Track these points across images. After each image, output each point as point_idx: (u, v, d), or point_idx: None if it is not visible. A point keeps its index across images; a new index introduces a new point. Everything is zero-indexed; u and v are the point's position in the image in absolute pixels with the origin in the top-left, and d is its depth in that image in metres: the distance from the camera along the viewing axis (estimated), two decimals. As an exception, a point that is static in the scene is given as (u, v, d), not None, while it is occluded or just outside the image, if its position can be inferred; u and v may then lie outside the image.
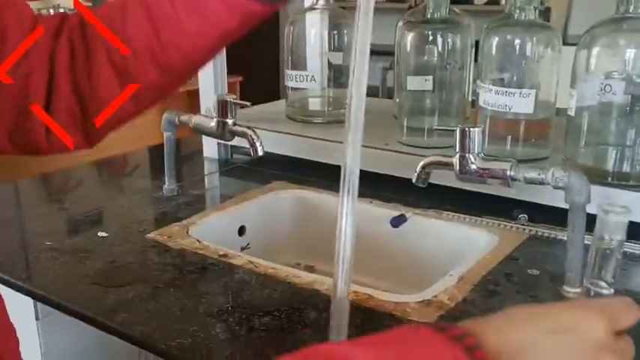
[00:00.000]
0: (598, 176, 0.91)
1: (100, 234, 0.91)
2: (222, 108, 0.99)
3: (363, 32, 0.51)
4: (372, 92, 1.66)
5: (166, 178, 1.07)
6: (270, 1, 0.60)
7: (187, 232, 0.92)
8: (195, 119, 1.02)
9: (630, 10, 0.89)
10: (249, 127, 0.99)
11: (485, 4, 3.62)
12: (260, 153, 0.97)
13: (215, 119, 1.00)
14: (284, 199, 1.10)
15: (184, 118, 1.03)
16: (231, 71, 3.47)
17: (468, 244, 0.91)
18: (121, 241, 0.88)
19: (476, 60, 1.14)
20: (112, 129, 0.67)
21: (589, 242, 0.84)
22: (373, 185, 1.04)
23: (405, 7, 3.89)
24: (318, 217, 1.08)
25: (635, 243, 0.85)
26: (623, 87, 0.90)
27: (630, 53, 0.91)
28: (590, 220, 0.76)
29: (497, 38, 1.01)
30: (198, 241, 0.89)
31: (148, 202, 1.06)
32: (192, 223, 0.95)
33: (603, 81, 0.91)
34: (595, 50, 0.93)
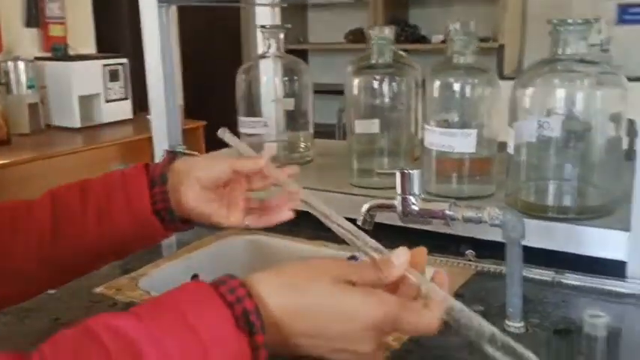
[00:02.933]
0: (539, 211, 0.94)
1: (49, 291, 0.90)
2: (172, 158, 1.00)
3: None
4: (330, 129, 1.70)
5: (119, 229, 1.07)
6: (171, 224, 0.69)
7: (137, 284, 0.91)
8: (145, 170, 1.02)
9: (560, 52, 0.93)
10: (199, 176, 0.99)
11: (442, 42, 3.73)
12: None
13: (165, 169, 1.00)
14: (238, 244, 1.11)
15: (135, 168, 1.03)
16: (194, 116, 3.46)
17: (417, 283, 0.93)
18: (67, 297, 0.87)
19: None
20: None
21: (531, 275, 0.87)
22: (326, 228, 1.05)
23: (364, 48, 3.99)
24: (272, 262, 1.08)
25: (573, 274, 0.88)
26: (560, 123, 0.94)
27: (564, 92, 0.96)
28: (528, 254, 0.79)
29: (438, 82, 1.04)
30: (147, 293, 0.88)
31: (101, 254, 1.05)
32: (142, 274, 0.95)
33: (541, 118, 0.95)
34: (531, 90, 0.97)
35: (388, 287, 0.50)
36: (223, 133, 0.78)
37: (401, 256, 0.50)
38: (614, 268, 0.87)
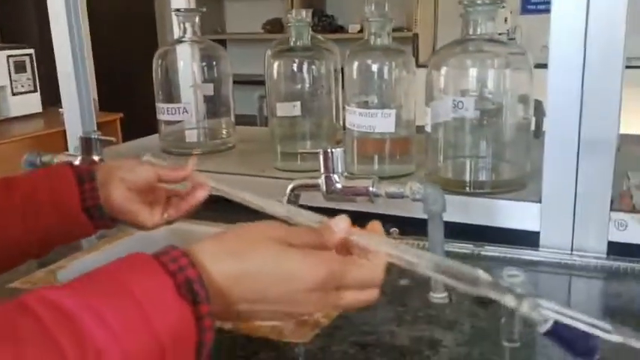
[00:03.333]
0: (457, 187, 0.97)
1: (-43, 289, 0.84)
2: (87, 145, 0.96)
3: None
4: (250, 120, 1.69)
5: (32, 223, 1.02)
6: (100, 221, 0.69)
7: (55, 278, 0.87)
8: (58, 158, 0.98)
9: (470, 32, 0.97)
10: (116, 163, 0.96)
11: (359, 32, 3.78)
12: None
13: (80, 157, 0.97)
14: (160, 234, 1.06)
15: (46, 158, 0.99)
16: (110, 108, 3.34)
17: (343, 262, 0.94)
18: (-22, 294, 0.82)
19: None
20: None
21: (451, 249, 0.90)
22: (251, 213, 1.05)
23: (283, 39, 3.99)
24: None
25: (491, 246, 0.92)
26: (474, 103, 0.97)
27: (477, 71, 0.99)
28: (451, 229, 0.82)
29: (356, 63, 1.06)
30: (66, 285, 0.85)
31: (13, 250, 0.99)
32: (60, 267, 0.91)
33: (455, 98, 0.98)
34: (444, 70, 1.00)
35: (340, 254, 0.50)
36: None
37: (340, 222, 0.50)
38: (527, 238, 0.91)
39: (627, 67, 0.96)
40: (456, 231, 0.89)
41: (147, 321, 0.40)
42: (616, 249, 0.87)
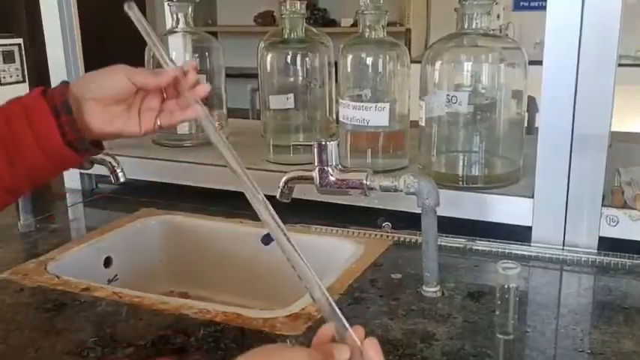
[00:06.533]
0: (450, 181, 0.97)
1: (-53, 279, 0.83)
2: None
3: None
4: (242, 114, 1.68)
5: (21, 214, 1.01)
6: (83, 149, 0.64)
7: (45, 269, 0.86)
8: (48, 149, 0.97)
9: (465, 27, 0.96)
10: (108, 154, 0.95)
11: (352, 25, 3.77)
12: (121, 179, 0.94)
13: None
14: (152, 225, 1.07)
15: (37, 148, 0.97)
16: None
17: (336, 255, 0.94)
18: (-31, 284, 0.81)
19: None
20: None
21: (444, 243, 0.90)
22: (242, 205, 1.04)
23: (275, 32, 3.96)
24: (188, 242, 1.06)
25: (484, 240, 0.92)
26: (468, 98, 0.97)
27: (471, 66, 0.99)
28: (443, 223, 0.82)
29: (351, 56, 1.05)
30: (57, 276, 0.84)
31: (2, 241, 0.98)
32: (50, 258, 0.90)
33: (449, 93, 0.98)
34: (438, 64, 1.00)
35: None
36: (130, 9, 0.64)
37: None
38: (519, 233, 0.92)
39: (619, 65, 0.96)
40: (449, 225, 0.89)
41: None
42: (607, 244, 0.88)
